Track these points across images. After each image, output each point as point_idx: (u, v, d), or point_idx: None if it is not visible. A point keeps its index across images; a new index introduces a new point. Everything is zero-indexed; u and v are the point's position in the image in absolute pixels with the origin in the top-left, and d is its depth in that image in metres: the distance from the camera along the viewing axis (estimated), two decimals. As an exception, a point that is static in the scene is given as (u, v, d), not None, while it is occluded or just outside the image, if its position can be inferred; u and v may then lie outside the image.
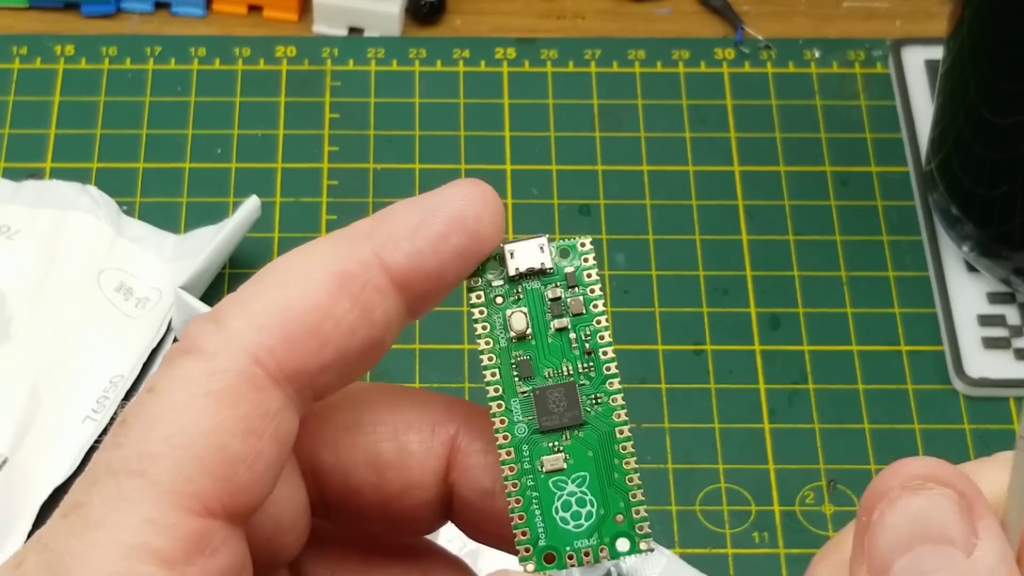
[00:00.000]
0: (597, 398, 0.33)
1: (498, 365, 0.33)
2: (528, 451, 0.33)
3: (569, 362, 0.33)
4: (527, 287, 0.34)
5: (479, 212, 0.33)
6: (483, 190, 0.33)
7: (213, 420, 0.30)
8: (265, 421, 0.31)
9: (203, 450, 0.30)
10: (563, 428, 0.33)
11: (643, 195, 0.71)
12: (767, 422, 0.65)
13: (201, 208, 0.70)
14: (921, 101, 0.74)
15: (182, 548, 0.29)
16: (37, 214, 0.67)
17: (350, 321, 0.32)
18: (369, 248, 0.32)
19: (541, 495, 0.33)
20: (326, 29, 0.76)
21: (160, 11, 0.77)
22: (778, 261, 0.69)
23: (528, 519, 0.33)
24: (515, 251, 0.34)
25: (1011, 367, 0.66)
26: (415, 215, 0.33)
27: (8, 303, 0.65)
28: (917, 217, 0.71)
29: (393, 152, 0.72)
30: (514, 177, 0.72)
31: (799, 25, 0.77)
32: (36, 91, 0.74)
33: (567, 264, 0.34)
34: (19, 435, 0.61)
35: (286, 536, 0.33)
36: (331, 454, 0.34)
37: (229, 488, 0.30)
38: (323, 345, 0.31)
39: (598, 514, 0.33)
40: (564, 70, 0.75)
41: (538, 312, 0.33)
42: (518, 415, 0.33)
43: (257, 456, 0.30)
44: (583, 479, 0.33)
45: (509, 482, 0.33)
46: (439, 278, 0.33)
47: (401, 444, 0.34)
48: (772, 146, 0.73)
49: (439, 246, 0.32)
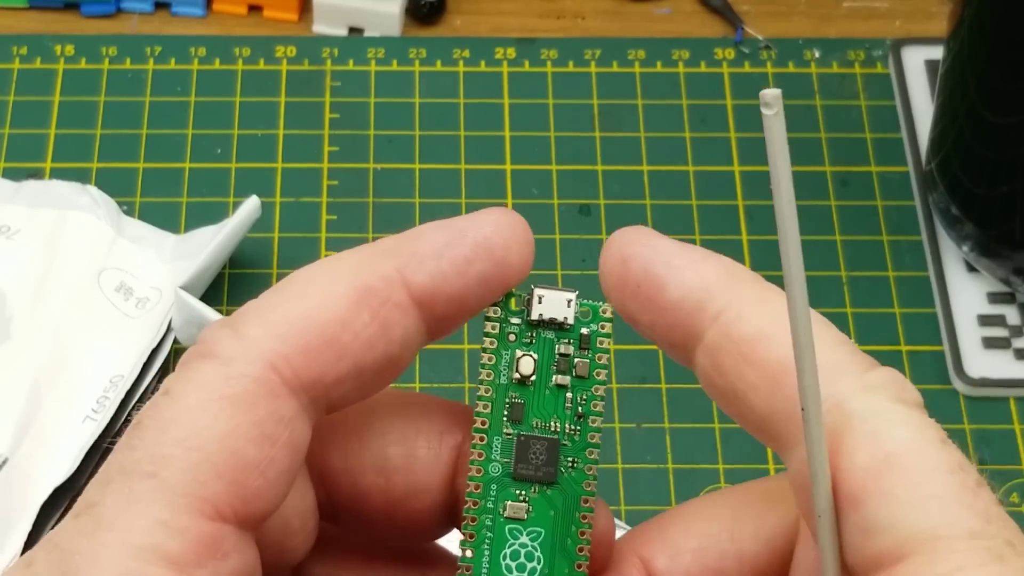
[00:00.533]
0: (575, 462, 0.33)
1: (492, 400, 0.33)
2: (496, 491, 0.33)
3: (559, 420, 0.33)
4: (542, 335, 0.34)
5: (507, 241, 0.33)
6: (514, 220, 0.33)
7: (227, 425, 0.30)
8: (280, 428, 0.31)
9: (216, 454, 0.30)
10: (535, 480, 0.33)
11: (643, 195, 0.71)
12: (767, 422, 0.65)
13: (201, 208, 0.70)
14: (921, 101, 0.74)
15: (193, 551, 0.29)
16: (37, 214, 0.67)
17: (368, 335, 0.31)
18: (393, 265, 0.32)
19: (495, 537, 0.33)
20: (326, 29, 0.76)
21: (160, 11, 0.77)
22: (778, 261, 0.69)
23: (476, 556, 0.33)
24: (544, 297, 0.34)
25: (1011, 367, 0.66)
26: (442, 237, 0.33)
27: (8, 303, 0.65)
28: (917, 217, 0.71)
29: (393, 152, 0.72)
30: (514, 177, 0.72)
31: (799, 25, 0.77)
32: (36, 91, 0.74)
33: (585, 325, 0.34)
34: (19, 435, 0.61)
35: (294, 539, 0.33)
36: (340, 458, 0.34)
37: (241, 493, 0.30)
38: (340, 357, 0.31)
39: (541, 573, 0.33)
40: (564, 70, 0.75)
41: (545, 362, 0.34)
42: (497, 453, 0.33)
43: (270, 462, 0.30)
44: (538, 535, 0.33)
45: (469, 515, 0.33)
46: (461, 302, 0.32)
47: (409, 449, 0.34)
48: (772, 146, 0.73)
49: (464, 269, 0.32)
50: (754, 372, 0.31)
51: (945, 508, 0.28)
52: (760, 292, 0.32)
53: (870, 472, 0.29)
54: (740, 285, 0.32)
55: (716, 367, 0.32)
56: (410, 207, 0.71)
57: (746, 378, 0.31)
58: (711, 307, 0.32)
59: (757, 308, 0.32)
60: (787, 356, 0.30)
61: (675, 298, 0.32)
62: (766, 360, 0.31)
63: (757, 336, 0.31)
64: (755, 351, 0.31)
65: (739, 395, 0.31)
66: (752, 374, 0.31)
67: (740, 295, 0.32)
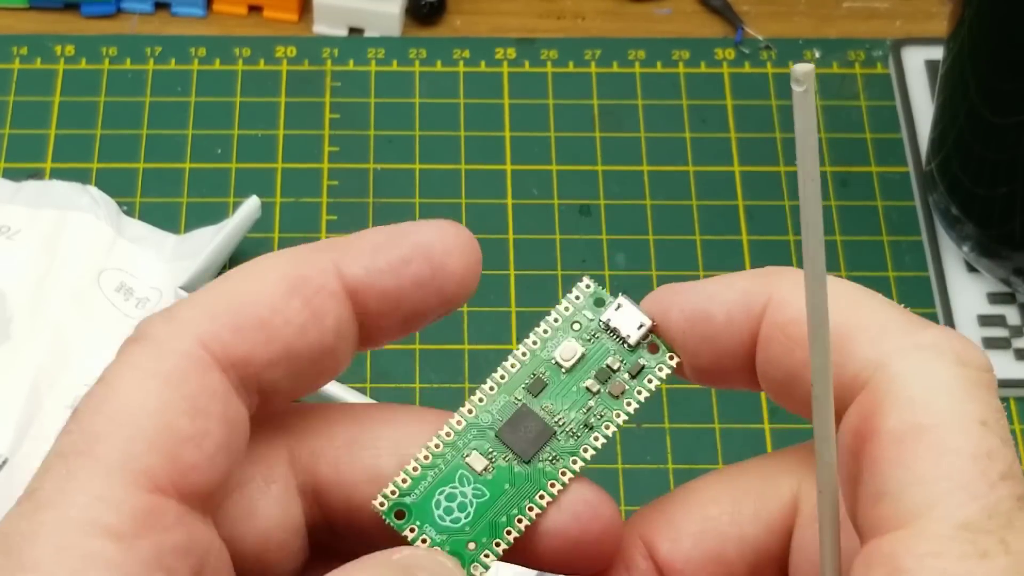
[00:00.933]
0: (555, 459, 0.33)
1: (523, 363, 0.34)
2: (473, 436, 0.33)
3: (567, 416, 0.34)
4: (602, 339, 0.34)
5: (448, 247, 0.33)
6: (459, 231, 0.33)
7: (159, 400, 0.30)
8: (213, 401, 0.31)
9: (149, 429, 0.30)
10: (511, 450, 0.33)
11: (643, 195, 0.71)
12: (767, 422, 0.65)
13: (201, 208, 0.70)
14: (921, 101, 0.74)
15: (131, 522, 0.29)
16: (37, 214, 0.67)
17: (300, 321, 0.32)
18: (329, 257, 0.32)
19: (444, 472, 0.33)
20: (326, 29, 0.76)
21: (160, 11, 0.77)
22: (778, 261, 0.69)
23: (417, 478, 0.33)
24: (623, 307, 0.34)
25: (1011, 367, 0.66)
26: (383, 237, 0.33)
27: (8, 303, 0.65)
28: (917, 217, 0.71)
29: (393, 152, 0.72)
30: (514, 177, 0.72)
31: (799, 25, 0.77)
32: (36, 91, 0.74)
33: (646, 358, 0.34)
34: (19, 435, 0.61)
35: (276, 555, 0.33)
36: (332, 471, 0.34)
37: (178, 466, 0.30)
38: (271, 340, 0.32)
39: (462, 528, 0.33)
40: (564, 70, 0.75)
41: (590, 362, 0.34)
42: (496, 408, 0.34)
43: (205, 435, 0.31)
44: (482, 495, 0.33)
45: (435, 441, 0.33)
46: (394, 301, 0.33)
47: (402, 459, 0.33)
48: (772, 146, 0.73)
49: (399, 269, 0.32)
50: (803, 351, 0.31)
51: (950, 492, 0.28)
52: (797, 278, 0.32)
53: (895, 438, 0.29)
54: (775, 279, 0.32)
55: (769, 361, 0.32)
56: (410, 207, 0.71)
57: (796, 359, 0.31)
58: (756, 308, 0.32)
59: (796, 291, 0.32)
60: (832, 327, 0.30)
61: (723, 320, 0.32)
62: None
63: (799, 315, 0.31)
64: (799, 330, 0.31)
65: (795, 379, 0.32)
66: (801, 353, 0.31)
67: (778, 287, 0.32)
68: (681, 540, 0.33)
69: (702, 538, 0.33)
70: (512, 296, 0.68)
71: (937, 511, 0.28)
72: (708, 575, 0.33)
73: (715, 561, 0.33)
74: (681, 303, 0.33)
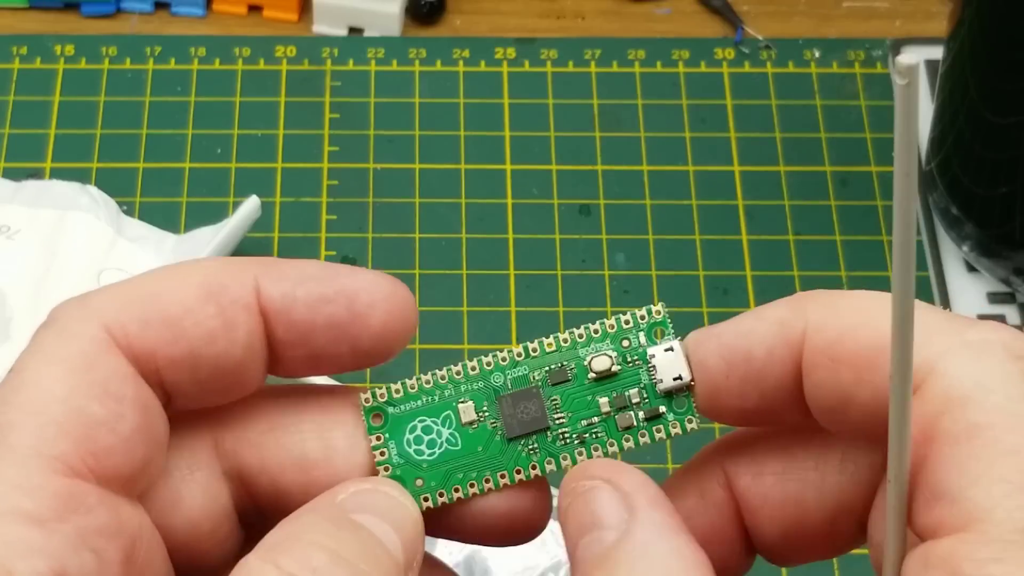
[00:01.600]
0: (533, 451, 0.33)
1: (558, 350, 0.33)
2: (474, 388, 0.33)
3: (568, 421, 0.33)
4: (639, 369, 0.33)
5: (374, 300, 0.32)
6: (394, 289, 0.33)
7: (68, 385, 0.30)
8: (124, 385, 0.31)
9: (60, 415, 0.30)
10: (502, 420, 0.33)
11: (643, 195, 0.71)
12: (767, 422, 0.65)
13: (201, 208, 0.70)
14: (921, 101, 0.74)
15: (51, 507, 0.29)
16: (37, 214, 0.67)
17: (211, 327, 0.32)
18: (252, 272, 0.32)
19: (434, 405, 0.33)
20: (326, 29, 0.76)
21: (160, 11, 0.77)
22: (778, 261, 0.69)
23: (409, 395, 0.33)
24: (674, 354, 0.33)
25: (1011, 367, 0.66)
26: (314, 271, 0.33)
27: (8, 303, 0.65)
28: (917, 217, 0.71)
29: (393, 152, 0.72)
30: (514, 177, 0.72)
31: (799, 25, 0.77)
32: (36, 91, 0.74)
33: (666, 405, 0.33)
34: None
35: (206, 541, 0.33)
36: (256, 457, 0.33)
37: (93, 450, 0.30)
38: (177, 338, 0.31)
39: (420, 463, 0.33)
40: (564, 70, 0.75)
41: (614, 384, 0.33)
42: (510, 375, 0.33)
43: (119, 419, 0.31)
44: (454, 444, 0.33)
45: (443, 372, 0.34)
46: (304, 335, 0.32)
47: (325, 441, 0.33)
48: (772, 146, 0.73)
49: (316, 305, 0.32)
50: (849, 369, 0.31)
51: (1009, 495, 0.28)
52: (829, 300, 0.32)
53: (950, 439, 0.29)
54: (807, 304, 0.32)
55: (818, 387, 0.31)
56: (410, 207, 0.71)
57: (844, 379, 0.31)
58: (794, 336, 0.32)
59: (831, 313, 0.31)
60: (874, 340, 0.30)
61: (764, 356, 0.32)
62: (856, 353, 0.31)
63: (840, 336, 0.31)
64: (843, 349, 0.31)
65: (846, 401, 0.31)
66: (847, 372, 0.31)
67: (812, 311, 0.32)
68: (763, 477, 0.33)
69: (783, 479, 0.33)
70: (512, 296, 0.68)
71: (996, 514, 0.28)
72: (784, 517, 0.33)
73: (794, 504, 0.33)
74: (719, 348, 0.32)
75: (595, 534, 0.31)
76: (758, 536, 0.34)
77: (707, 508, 0.34)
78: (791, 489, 0.33)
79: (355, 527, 0.31)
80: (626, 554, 0.30)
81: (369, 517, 0.31)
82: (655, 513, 0.31)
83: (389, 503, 0.32)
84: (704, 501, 0.34)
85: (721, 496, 0.34)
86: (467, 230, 0.70)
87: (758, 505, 0.33)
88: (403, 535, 0.32)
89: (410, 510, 0.32)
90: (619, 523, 0.31)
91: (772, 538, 0.34)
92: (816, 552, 0.34)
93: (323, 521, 0.31)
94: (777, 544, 0.34)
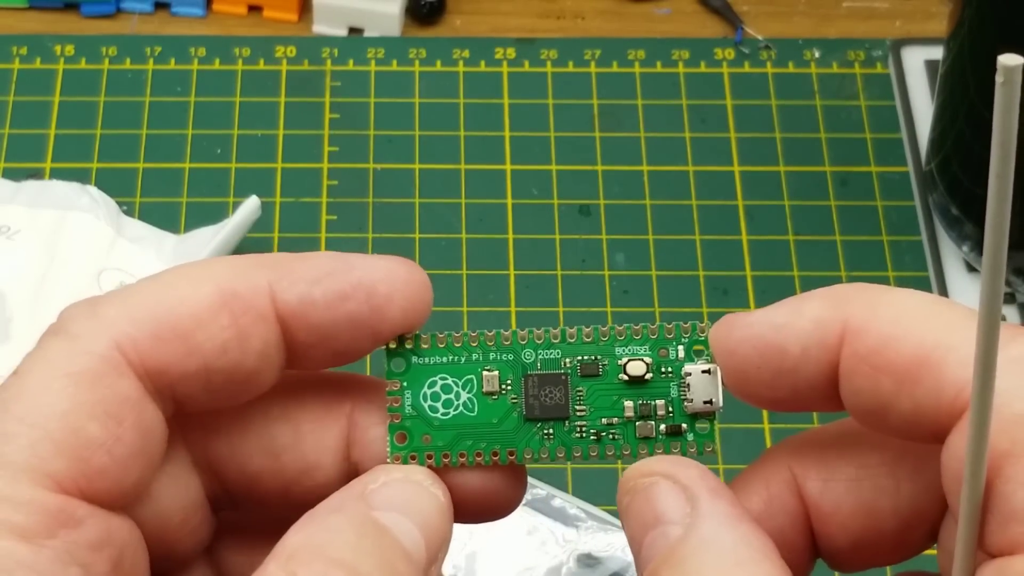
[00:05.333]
0: (546, 437, 0.33)
1: (597, 342, 0.33)
2: (504, 359, 0.33)
3: (588, 418, 0.33)
4: (671, 383, 0.33)
5: (392, 291, 0.32)
6: (411, 274, 0.32)
7: (70, 402, 0.30)
8: (125, 408, 0.31)
9: (57, 431, 0.30)
10: (523, 400, 0.33)
11: (643, 195, 0.71)
12: (767, 422, 0.65)
13: (201, 208, 0.70)
14: (921, 101, 0.74)
15: (40, 523, 0.29)
16: (37, 214, 0.67)
17: (224, 339, 0.31)
18: (266, 278, 0.32)
19: (459, 366, 0.33)
20: (326, 29, 0.76)
21: (160, 11, 0.77)
22: (778, 261, 0.69)
23: (438, 350, 0.33)
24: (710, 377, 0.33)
25: (1011, 367, 0.66)
26: (328, 265, 0.32)
27: (8, 303, 0.65)
28: (917, 217, 0.71)
29: (393, 152, 0.72)
30: (514, 177, 0.72)
31: (799, 25, 0.77)
32: (36, 91, 0.74)
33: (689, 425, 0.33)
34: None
35: (178, 532, 0.33)
36: (225, 445, 0.33)
37: (85, 471, 0.30)
38: (189, 353, 0.31)
39: (432, 420, 0.33)
40: (564, 70, 0.75)
41: (643, 391, 0.33)
42: (543, 356, 0.33)
43: (116, 441, 0.30)
44: (470, 410, 0.33)
45: (478, 333, 0.33)
46: (325, 334, 0.32)
47: (294, 426, 0.33)
48: (772, 146, 0.73)
49: (334, 303, 0.32)
50: (889, 379, 0.30)
51: None
52: (869, 299, 0.31)
53: (1011, 459, 0.28)
54: (848, 302, 0.31)
55: (856, 393, 0.31)
56: (410, 207, 0.71)
57: (885, 388, 0.30)
58: (832, 338, 0.31)
59: (871, 315, 0.31)
60: (917, 351, 0.29)
61: (798, 354, 0.31)
62: (897, 363, 0.30)
63: (882, 343, 0.30)
64: (885, 358, 0.30)
65: (886, 408, 0.30)
66: (888, 381, 0.30)
67: (853, 312, 0.31)
68: (835, 483, 0.32)
69: (858, 486, 0.32)
70: (512, 296, 0.68)
71: None
72: (857, 525, 0.32)
73: (867, 512, 0.32)
74: (751, 339, 0.32)
75: (659, 530, 0.30)
76: (826, 543, 0.33)
77: (774, 513, 0.33)
78: (865, 496, 0.32)
79: (378, 533, 0.30)
80: (693, 548, 0.30)
81: (395, 516, 0.31)
82: (718, 504, 0.30)
83: (417, 495, 0.32)
84: (771, 506, 0.33)
85: (789, 502, 0.33)
86: (467, 230, 0.70)
87: (830, 512, 0.32)
88: (427, 532, 0.31)
89: (438, 499, 0.32)
90: (682, 517, 0.30)
91: (841, 545, 0.33)
92: (882, 559, 0.33)
93: (346, 527, 0.30)
94: (844, 551, 0.33)
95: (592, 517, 0.59)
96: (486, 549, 0.58)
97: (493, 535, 0.58)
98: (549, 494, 0.59)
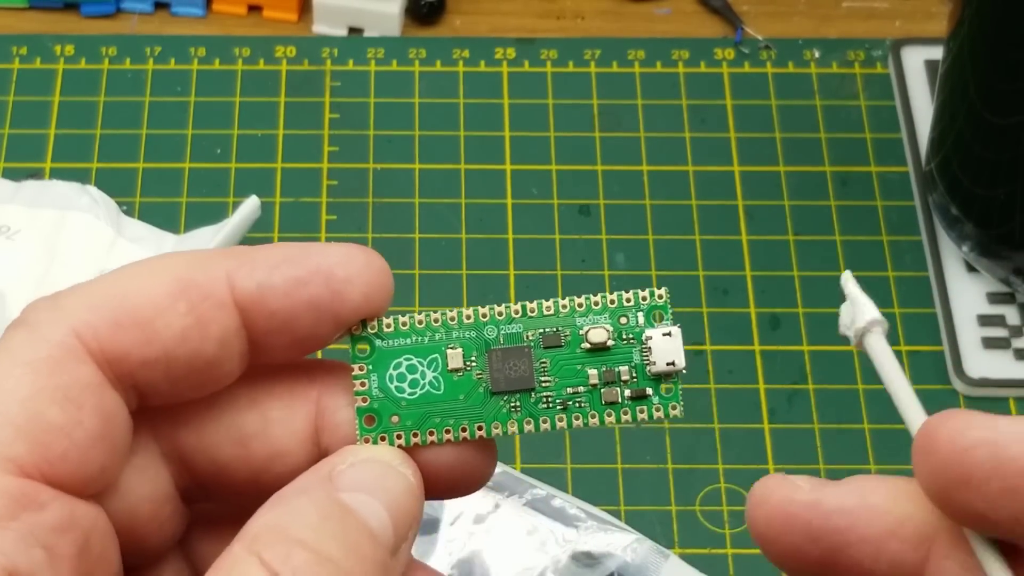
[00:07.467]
0: (513, 409, 0.33)
1: (557, 315, 0.33)
2: (468, 336, 0.33)
3: (554, 387, 0.33)
4: (632, 348, 0.33)
5: (351, 274, 0.32)
6: (369, 259, 0.32)
7: (30, 388, 0.30)
8: (85, 393, 0.31)
9: (18, 416, 0.30)
10: (489, 373, 0.33)
11: (643, 195, 0.71)
12: (767, 422, 0.65)
13: (201, 208, 0.70)
14: (921, 101, 0.74)
15: (2, 505, 0.30)
16: (37, 214, 0.67)
17: (183, 326, 0.31)
18: (224, 266, 0.32)
19: (422, 346, 0.33)
20: (326, 29, 0.76)
21: (160, 11, 0.77)
22: (778, 261, 0.69)
23: (400, 332, 0.33)
24: (671, 340, 0.33)
25: (1011, 367, 0.66)
26: (285, 253, 0.32)
27: (8, 303, 0.65)
28: (917, 217, 0.71)
29: (393, 152, 0.72)
30: (514, 177, 0.72)
31: (799, 25, 0.77)
32: (36, 91, 0.74)
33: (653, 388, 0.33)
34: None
35: (148, 525, 0.33)
36: (193, 435, 0.33)
37: (46, 455, 0.30)
38: (149, 340, 0.31)
39: (399, 400, 0.33)
40: (564, 70, 0.75)
41: (605, 359, 0.33)
42: (504, 331, 0.33)
43: (76, 425, 0.31)
44: (436, 388, 0.33)
45: (437, 315, 0.33)
46: (287, 322, 0.32)
47: (261, 412, 0.33)
48: (772, 146, 0.73)
49: (292, 289, 0.32)
50: None
51: None
52: None
53: None
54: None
55: None
56: (410, 207, 0.71)
57: None
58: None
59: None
60: None
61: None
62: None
63: None
64: None
65: None
66: None
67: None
68: None
69: None
70: (512, 296, 0.68)
71: None
72: None
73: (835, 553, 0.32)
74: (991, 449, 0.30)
75: None
76: None
77: None
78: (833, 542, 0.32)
79: (343, 514, 0.31)
80: None
81: (361, 496, 0.31)
82: None
83: (384, 474, 0.32)
84: None
85: None
86: (467, 230, 0.70)
87: None
88: (395, 512, 0.31)
89: (407, 479, 0.32)
90: None
91: None
92: None
93: (311, 508, 0.31)
94: None
95: (592, 517, 0.59)
96: (486, 549, 0.58)
97: (493, 535, 0.58)
98: (549, 494, 0.59)
